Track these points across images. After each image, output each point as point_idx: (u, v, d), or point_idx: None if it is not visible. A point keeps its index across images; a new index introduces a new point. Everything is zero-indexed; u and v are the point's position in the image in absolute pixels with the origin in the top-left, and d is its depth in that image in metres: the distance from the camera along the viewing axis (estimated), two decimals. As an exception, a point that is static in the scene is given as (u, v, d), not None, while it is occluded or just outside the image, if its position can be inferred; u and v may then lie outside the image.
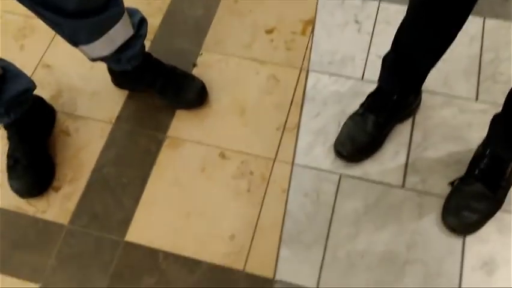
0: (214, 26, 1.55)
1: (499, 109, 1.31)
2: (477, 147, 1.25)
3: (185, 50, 1.51)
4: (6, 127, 1.27)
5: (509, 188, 1.18)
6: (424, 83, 1.26)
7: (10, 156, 1.28)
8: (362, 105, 1.31)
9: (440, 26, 1.03)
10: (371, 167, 1.29)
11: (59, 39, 1.51)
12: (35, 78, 1.47)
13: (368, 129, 1.27)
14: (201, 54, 1.50)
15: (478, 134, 1.32)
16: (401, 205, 1.24)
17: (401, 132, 1.34)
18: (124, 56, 1.23)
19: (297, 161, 1.31)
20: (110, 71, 1.38)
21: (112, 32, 1.13)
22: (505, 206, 1.19)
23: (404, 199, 1.24)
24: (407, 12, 1.10)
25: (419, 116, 1.36)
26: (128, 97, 1.43)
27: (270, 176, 1.29)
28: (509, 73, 1.41)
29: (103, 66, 1.47)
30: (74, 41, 1.14)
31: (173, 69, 1.37)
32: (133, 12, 1.22)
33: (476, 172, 1.17)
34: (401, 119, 1.33)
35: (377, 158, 1.30)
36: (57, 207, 1.29)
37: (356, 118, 1.29)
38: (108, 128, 1.39)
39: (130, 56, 1.24)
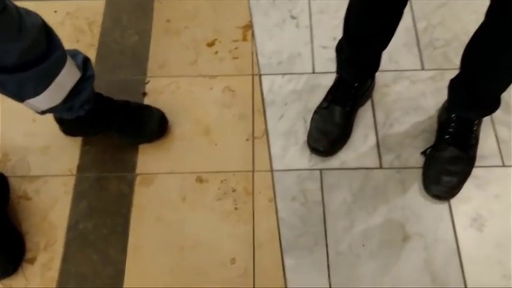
0: (154, 50, 1.49)
1: (445, 73, 1.39)
2: (439, 113, 1.31)
3: (130, 81, 1.44)
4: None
5: (478, 143, 1.25)
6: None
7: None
8: (325, 98, 1.32)
9: (387, 8, 1.06)
10: (346, 156, 1.31)
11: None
12: (-27, 147, 1.34)
13: (337, 121, 1.29)
14: (148, 81, 1.44)
15: (433, 100, 1.38)
16: (385, 185, 1.27)
17: (364, 116, 1.37)
18: (77, 102, 1.15)
19: (275, 167, 1.31)
20: (59, 120, 1.28)
21: (59, 78, 1.05)
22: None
23: (385, 179, 1.28)
24: (351, 2, 1.12)
25: (376, 96, 1.40)
26: (84, 143, 1.35)
27: (253, 188, 1.28)
28: (444, 37, 1.49)
29: (45, 118, 1.37)
30: (20, 96, 1.04)
31: (127, 104, 1.31)
32: (73, 54, 1.14)
33: (447, 137, 1.23)
34: (362, 102, 1.36)
35: (349, 145, 1.32)
36: (37, 279, 1.19)
37: (323, 112, 1.31)
38: (71, 181, 1.29)
39: (83, 100, 1.16)
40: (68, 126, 1.30)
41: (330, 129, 1.28)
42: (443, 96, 1.36)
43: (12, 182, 1.30)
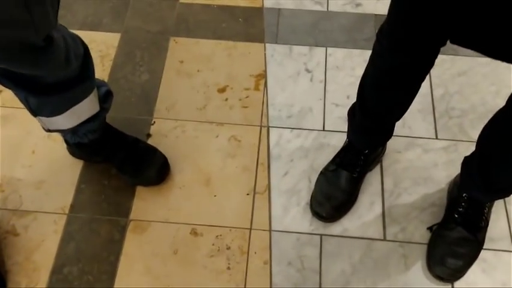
0: (163, 91, 1.47)
1: (459, 145, 1.34)
2: (450, 188, 1.26)
3: (136, 120, 1.41)
4: None
5: (487, 226, 1.19)
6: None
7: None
8: (333, 161, 1.28)
9: (404, 81, 1.02)
10: (349, 223, 1.26)
11: (-9, 126, 1.36)
12: (-32, 173, 1.31)
13: (343, 186, 1.24)
14: (153, 122, 1.41)
15: (444, 172, 1.33)
16: (386, 258, 1.21)
17: (371, 182, 1.32)
18: (82, 129, 1.13)
19: (274, 227, 1.25)
20: (64, 139, 1.26)
21: (77, 107, 1.04)
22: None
23: (388, 252, 1.22)
24: (368, 70, 1.08)
25: (386, 161, 1.35)
26: (80, 181, 1.31)
27: (248, 248, 1.22)
28: (460, 106, 1.45)
29: (45, 151, 1.34)
30: (35, 112, 1.04)
31: (135, 142, 1.28)
32: (99, 84, 1.13)
33: (456, 216, 1.17)
34: (371, 168, 1.31)
35: (353, 212, 1.27)
36: (14, 322, 1.14)
37: (329, 175, 1.26)
38: (62, 220, 1.25)
39: (88, 129, 1.14)
40: (71, 148, 1.28)
41: (334, 194, 1.23)
42: (455, 169, 1.31)
43: (2, 214, 1.26)
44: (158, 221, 1.25)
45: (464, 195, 1.16)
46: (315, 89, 1.48)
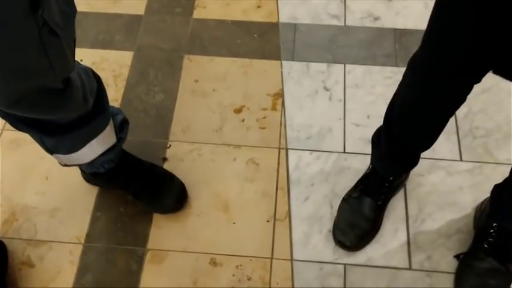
0: (178, 111, 1.43)
1: (485, 167, 1.30)
2: (477, 214, 1.22)
3: (151, 143, 1.37)
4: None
5: (519, 256, 1.15)
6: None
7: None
8: (356, 187, 1.24)
9: (436, 117, 0.98)
10: (373, 251, 1.22)
11: (2, 151, 1.33)
12: (-20, 201, 1.28)
13: (367, 214, 1.20)
14: (169, 146, 1.37)
15: (470, 196, 1.29)
16: (413, 289, 1.17)
17: (395, 207, 1.28)
18: (99, 161, 1.09)
19: (295, 256, 1.22)
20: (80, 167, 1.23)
21: (94, 141, 1.01)
22: (514, 273, 1.17)
23: (414, 281, 1.18)
24: (396, 99, 1.04)
25: (409, 185, 1.31)
26: (96, 208, 1.27)
27: (270, 278, 1.18)
28: (485, 126, 1.40)
29: (59, 177, 1.31)
30: (51, 151, 1.01)
31: (152, 169, 1.24)
32: (114, 112, 1.09)
33: (486, 246, 1.13)
34: (395, 193, 1.27)
35: (377, 239, 1.23)
36: None
37: (352, 202, 1.22)
38: (78, 250, 1.22)
39: (105, 160, 1.10)
40: (86, 175, 1.25)
41: (358, 222, 1.20)
42: (481, 192, 1.27)
43: (17, 245, 1.22)
44: (176, 251, 1.22)
45: (494, 224, 1.12)
46: (334, 108, 1.44)
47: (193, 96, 1.46)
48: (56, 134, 0.94)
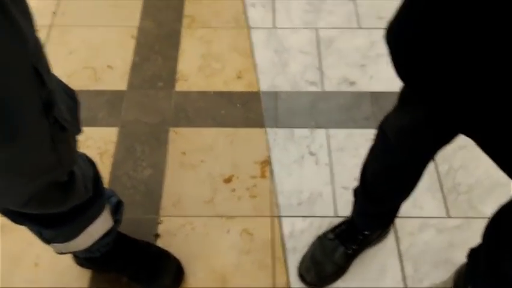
0: (168, 185, 1.42)
1: (472, 222, 1.33)
2: (456, 278, 1.23)
3: (142, 220, 1.35)
4: None
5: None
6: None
7: None
8: (333, 230, 1.28)
9: (409, 177, 1.02)
10: (376, 316, 1.22)
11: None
12: (-36, 295, 1.21)
13: (336, 259, 1.25)
14: (161, 221, 1.35)
15: (462, 253, 1.30)
16: None
17: (392, 268, 1.29)
18: (95, 246, 1.06)
19: (299, 327, 1.20)
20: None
21: (91, 227, 0.99)
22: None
23: None
24: (368, 161, 1.08)
25: (403, 244, 1.33)
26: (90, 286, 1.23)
27: None
28: (467, 182, 1.46)
29: (48, 264, 1.27)
30: (48, 241, 0.99)
31: (146, 249, 1.22)
32: (108, 195, 1.08)
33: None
34: (371, 246, 1.30)
35: (379, 303, 1.24)
36: None
37: (325, 243, 1.27)
38: None
39: (102, 245, 1.08)
40: (79, 260, 1.21)
41: (324, 264, 1.25)
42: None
43: None
44: (176, 332, 1.18)
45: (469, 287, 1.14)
46: (322, 172, 1.47)
47: (181, 169, 1.46)
48: (55, 225, 0.92)
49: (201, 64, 1.68)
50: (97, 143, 1.49)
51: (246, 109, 1.60)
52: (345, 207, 1.39)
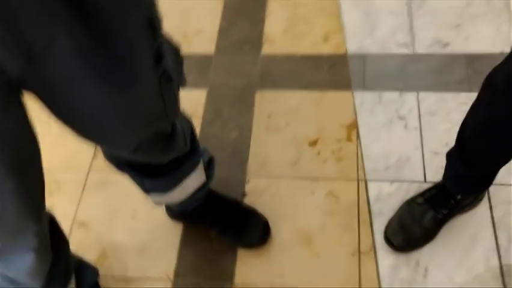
0: (254, 147, 1.46)
1: None
2: None
3: (230, 180, 1.40)
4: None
5: None
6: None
7: None
8: (422, 194, 1.24)
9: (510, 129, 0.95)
10: (465, 282, 1.18)
11: (90, 192, 1.39)
12: (72, 241, 1.33)
13: (425, 224, 1.21)
14: (248, 181, 1.39)
15: None
16: (512, 323, 1.13)
17: (484, 236, 1.24)
18: (188, 199, 1.13)
19: (384, 289, 1.20)
20: (167, 206, 1.27)
21: (186, 181, 1.05)
22: None
23: (512, 315, 1.13)
24: (470, 118, 1.02)
25: (497, 212, 1.27)
26: (182, 245, 1.30)
27: (360, 313, 1.17)
28: None
29: (144, 215, 1.36)
30: (148, 191, 1.06)
31: (235, 206, 1.27)
32: (201, 151, 1.13)
33: None
34: (462, 212, 1.25)
35: (469, 271, 1.19)
36: None
37: (414, 206, 1.23)
38: (168, 286, 1.25)
39: (194, 199, 1.14)
40: (173, 213, 1.29)
41: (412, 228, 1.21)
42: None
43: (109, 282, 1.27)
44: (262, 286, 1.22)
45: None
46: (411, 137, 1.42)
47: (267, 132, 1.48)
48: (155, 175, 0.98)
49: (287, 27, 1.67)
50: (186, 104, 1.53)
51: (332, 72, 1.58)
52: (435, 173, 1.34)
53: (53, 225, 0.94)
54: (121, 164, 0.95)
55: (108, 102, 0.67)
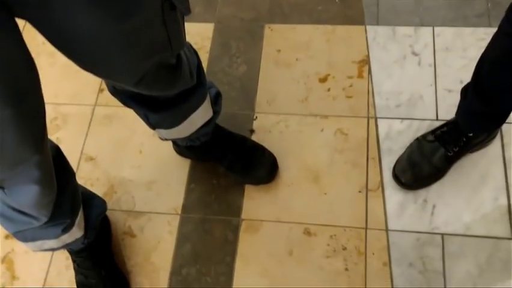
0: (262, 83, 1.42)
1: None
2: None
3: (238, 115, 1.38)
4: (76, 253, 1.13)
5: None
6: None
7: (83, 284, 1.15)
8: (433, 132, 1.22)
9: None
10: (472, 221, 1.18)
11: (96, 126, 1.38)
12: (81, 175, 1.34)
13: (434, 161, 1.20)
14: (256, 117, 1.37)
15: None
16: (516, 260, 1.14)
17: (494, 174, 1.23)
18: (195, 134, 1.12)
19: (390, 226, 1.20)
20: (173, 140, 1.26)
21: (193, 115, 1.04)
22: None
23: (517, 252, 1.14)
24: (490, 49, 0.98)
25: (509, 152, 1.25)
26: (190, 180, 1.31)
27: (365, 248, 1.18)
28: None
29: (152, 150, 1.35)
30: (154, 127, 1.05)
31: (243, 142, 1.26)
32: (208, 86, 1.10)
33: None
34: (473, 150, 1.23)
35: (476, 209, 1.19)
36: (140, 321, 1.17)
37: (424, 144, 1.22)
38: (176, 221, 1.26)
39: (201, 133, 1.12)
40: (180, 149, 1.28)
41: (421, 166, 1.20)
42: None
43: (118, 216, 1.28)
44: (270, 221, 1.24)
45: None
46: (424, 73, 1.38)
47: (276, 67, 1.44)
48: (161, 109, 0.96)
49: (298, -44, 1.59)
50: (193, 38, 1.50)
51: (345, 5, 1.51)
52: (448, 111, 1.31)
53: (58, 157, 0.93)
54: (126, 97, 0.92)
55: (108, 30, 0.63)
